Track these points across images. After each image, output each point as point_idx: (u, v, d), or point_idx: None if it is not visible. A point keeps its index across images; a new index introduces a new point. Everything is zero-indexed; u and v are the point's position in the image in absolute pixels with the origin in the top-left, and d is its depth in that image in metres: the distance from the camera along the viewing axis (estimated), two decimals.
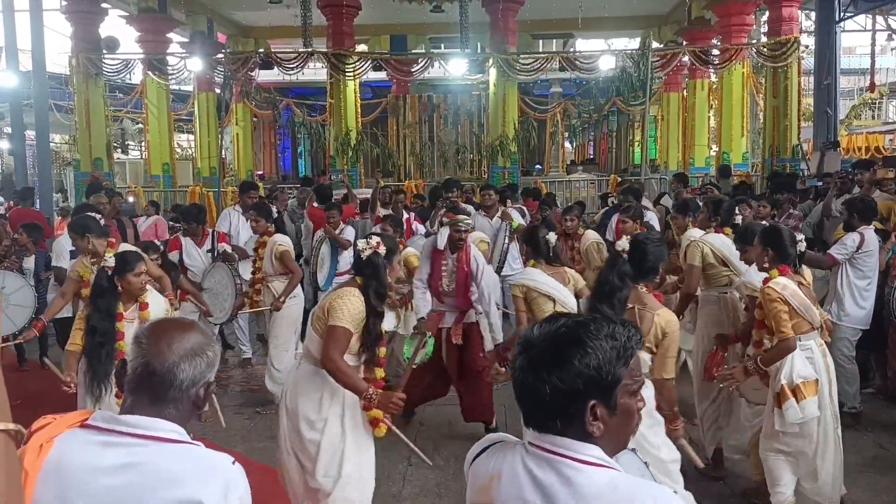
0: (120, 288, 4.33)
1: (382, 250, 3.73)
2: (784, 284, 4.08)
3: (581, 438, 1.53)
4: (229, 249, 7.05)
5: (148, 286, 4.55)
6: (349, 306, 3.54)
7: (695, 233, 5.80)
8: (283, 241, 6.68)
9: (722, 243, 5.32)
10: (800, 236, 4.21)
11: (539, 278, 4.94)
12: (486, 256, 6.67)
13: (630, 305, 3.70)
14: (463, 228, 5.57)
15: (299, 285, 6.71)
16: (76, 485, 1.57)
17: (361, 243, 3.76)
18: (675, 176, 11.59)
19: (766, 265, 4.20)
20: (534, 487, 1.55)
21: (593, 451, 1.54)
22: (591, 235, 7.29)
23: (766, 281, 4.15)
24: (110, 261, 4.36)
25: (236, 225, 8.25)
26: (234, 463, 1.69)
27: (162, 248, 6.75)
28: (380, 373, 3.75)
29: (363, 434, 3.72)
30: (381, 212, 9.07)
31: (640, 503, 1.47)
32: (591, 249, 7.04)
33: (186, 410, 1.76)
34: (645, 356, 3.60)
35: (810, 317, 4.09)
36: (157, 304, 4.51)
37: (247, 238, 7.90)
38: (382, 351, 3.77)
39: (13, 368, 7.50)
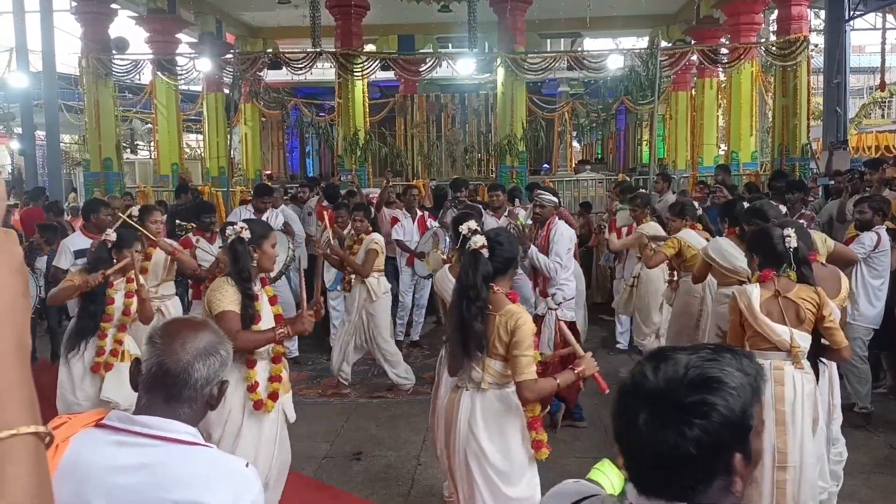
0: (115, 260, 4.96)
1: (247, 235, 3.88)
2: (744, 293, 3.84)
3: (714, 501, 1.25)
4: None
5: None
6: (220, 295, 3.76)
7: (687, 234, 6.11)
8: (378, 240, 6.93)
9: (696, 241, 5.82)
10: (790, 231, 3.87)
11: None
12: None
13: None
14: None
15: (383, 279, 7.04)
16: (92, 483, 1.58)
17: (228, 230, 3.99)
18: (719, 167, 11.77)
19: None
20: None
21: None
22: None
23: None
24: (112, 235, 5.11)
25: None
26: (248, 465, 1.69)
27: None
28: (279, 349, 3.94)
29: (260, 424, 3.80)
30: (387, 212, 9.09)
31: None
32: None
33: (200, 409, 1.78)
34: (496, 365, 3.39)
35: (768, 332, 3.76)
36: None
37: None
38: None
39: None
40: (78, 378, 4.88)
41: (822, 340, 3.82)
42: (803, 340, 3.78)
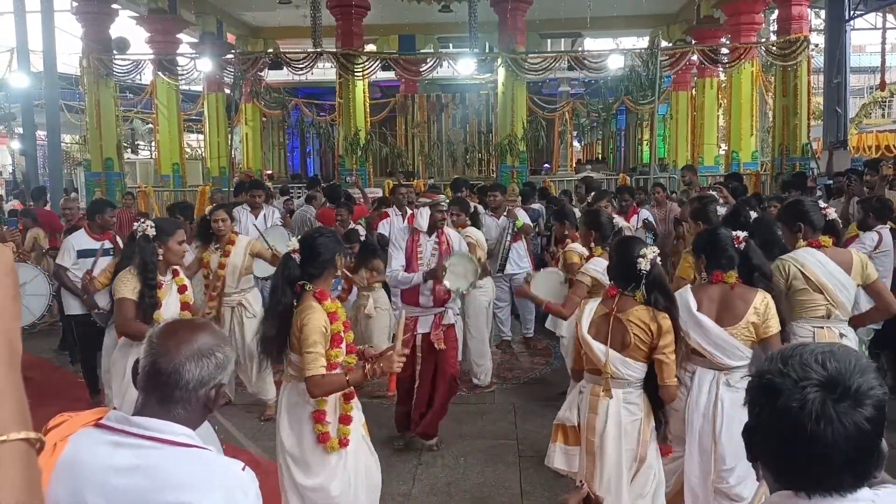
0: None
1: (152, 232, 4.33)
2: (584, 305, 3.64)
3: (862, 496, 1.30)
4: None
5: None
6: (121, 284, 4.31)
7: None
8: (475, 235, 6.78)
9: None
10: (647, 252, 3.47)
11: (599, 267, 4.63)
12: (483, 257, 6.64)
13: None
14: (442, 209, 5.53)
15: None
16: (89, 482, 1.58)
17: (136, 226, 4.44)
18: (685, 168, 11.57)
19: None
20: None
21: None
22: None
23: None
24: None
25: (245, 223, 8.30)
26: (244, 468, 1.67)
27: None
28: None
29: None
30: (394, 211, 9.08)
31: None
32: None
33: (196, 412, 1.75)
34: (295, 359, 3.48)
35: (587, 350, 3.51)
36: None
37: (256, 235, 7.95)
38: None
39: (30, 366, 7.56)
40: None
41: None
42: (623, 366, 3.43)
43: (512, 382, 7.01)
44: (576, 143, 25.42)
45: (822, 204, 4.53)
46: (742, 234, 3.77)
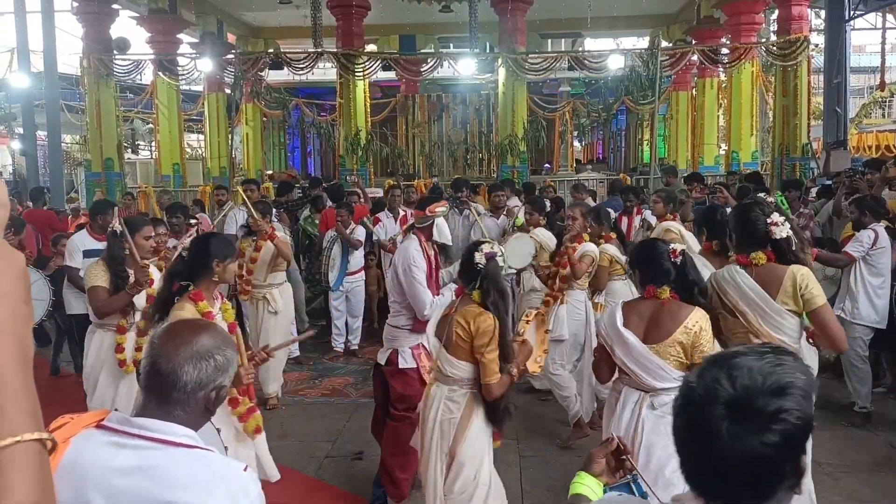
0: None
1: (118, 228, 4.73)
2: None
3: None
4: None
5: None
6: (91, 275, 4.75)
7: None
8: (542, 236, 6.77)
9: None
10: (681, 247, 3.48)
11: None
12: None
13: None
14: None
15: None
16: (92, 484, 1.59)
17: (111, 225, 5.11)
18: (664, 170, 11.50)
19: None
20: None
21: None
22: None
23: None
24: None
25: (242, 224, 8.31)
26: (245, 469, 1.68)
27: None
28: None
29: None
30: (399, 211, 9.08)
31: None
32: None
33: (196, 413, 1.76)
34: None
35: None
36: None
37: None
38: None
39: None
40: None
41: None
42: (448, 364, 3.54)
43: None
44: (576, 143, 25.42)
45: (776, 218, 3.65)
46: (679, 248, 3.48)
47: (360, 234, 8.01)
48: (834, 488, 4.64)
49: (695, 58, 14.92)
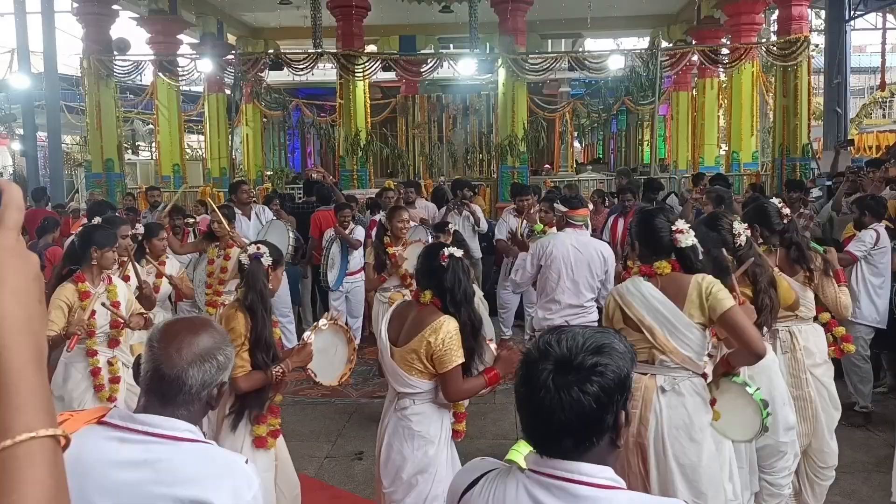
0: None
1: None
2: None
3: (597, 460, 1.47)
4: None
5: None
6: (57, 294, 4.37)
7: None
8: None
9: None
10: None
11: None
12: None
13: None
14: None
15: None
16: (94, 479, 1.60)
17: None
18: (620, 172, 11.35)
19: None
20: None
21: (608, 474, 1.48)
22: None
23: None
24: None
25: (238, 226, 8.31)
26: (247, 462, 1.72)
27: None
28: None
29: None
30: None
31: None
32: None
33: (199, 410, 1.79)
34: None
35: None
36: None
37: (255, 233, 8.01)
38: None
39: None
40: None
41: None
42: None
43: (512, 382, 7.00)
44: (576, 144, 25.43)
45: (681, 225, 3.34)
46: (447, 251, 3.38)
47: (359, 234, 8.01)
48: (834, 488, 4.63)
49: (695, 58, 14.93)
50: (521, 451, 1.89)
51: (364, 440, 5.67)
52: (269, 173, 20.21)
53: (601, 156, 25.10)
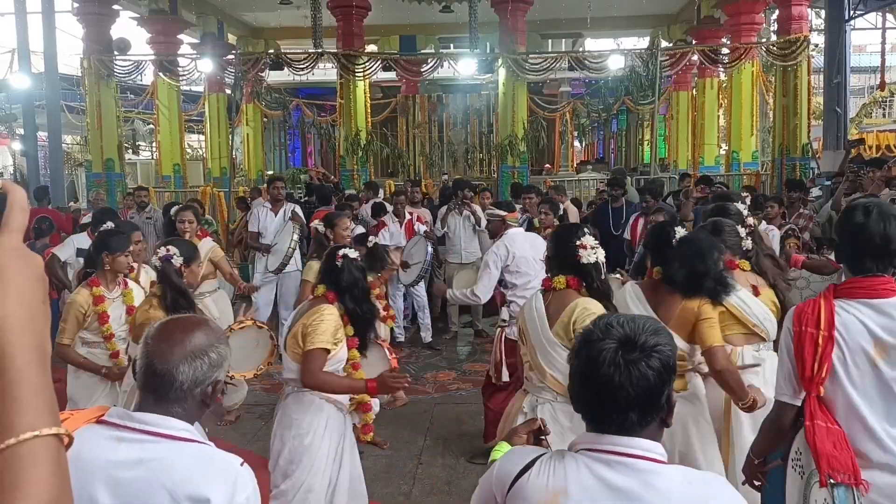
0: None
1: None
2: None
3: (650, 437, 1.57)
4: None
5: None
6: (71, 301, 4.46)
7: None
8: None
9: None
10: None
11: None
12: None
13: None
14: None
15: None
16: (94, 477, 1.63)
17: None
18: (552, 188, 11.18)
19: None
20: (614, 496, 1.52)
21: (661, 449, 1.57)
22: None
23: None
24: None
25: (264, 220, 8.35)
26: (242, 464, 1.72)
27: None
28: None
29: None
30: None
31: (713, 499, 1.51)
32: None
33: (193, 409, 1.80)
34: None
35: None
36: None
37: (275, 231, 8.06)
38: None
39: None
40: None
41: None
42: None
43: None
44: (576, 144, 25.44)
45: (586, 240, 3.28)
46: (342, 252, 3.64)
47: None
48: None
49: (695, 58, 14.93)
50: (504, 451, 1.97)
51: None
52: (269, 173, 20.21)
53: (602, 155, 25.11)
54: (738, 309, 3.49)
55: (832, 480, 2.28)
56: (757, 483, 2.73)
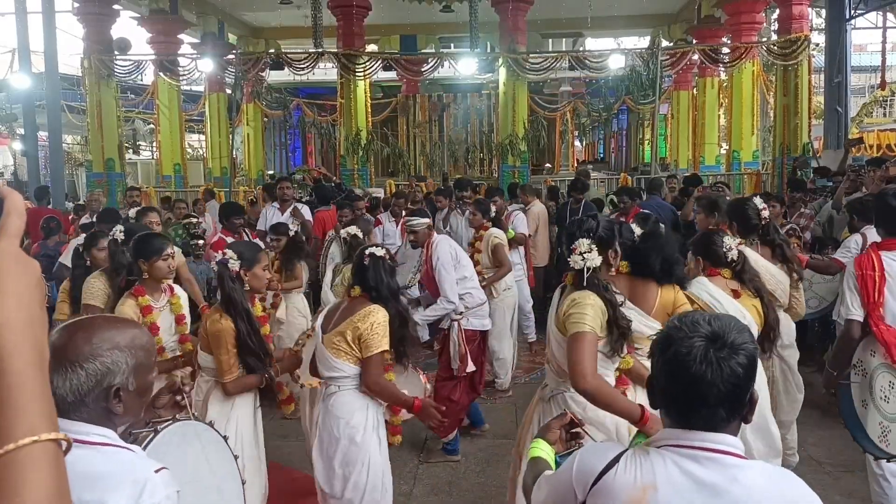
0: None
1: (121, 237, 4.54)
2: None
3: (733, 433, 1.60)
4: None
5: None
6: (88, 289, 4.38)
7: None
8: (498, 235, 6.71)
9: None
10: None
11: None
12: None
13: None
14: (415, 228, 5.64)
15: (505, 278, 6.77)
16: None
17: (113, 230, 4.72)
18: (522, 187, 11.16)
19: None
20: (701, 491, 1.55)
21: (741, 445, 1.61)
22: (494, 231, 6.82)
23: None
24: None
25: (271, 219, 8.34)
26: (157, 471, 1.62)
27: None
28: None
29: None
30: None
31: (790, 491, 1.55)
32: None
33: (98, 415, 1.68)
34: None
35: None
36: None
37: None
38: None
39: None
40: None
41: None
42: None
43: (513, 382, 7.02)
44: (577, 143, 25.44)
45: (580, 245, 3.15)
46: (368, 251, 3.62)
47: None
48: (834, 488, 4.64)
49: (695, 57, 14.94)
50: (544, 448, 2.03)
51: None
52: (269, 173, 20.22)
53: (602, 155, 25.13)
54: (710, 307, 3.64)
55: None
56: (832, 391, 3.92)
